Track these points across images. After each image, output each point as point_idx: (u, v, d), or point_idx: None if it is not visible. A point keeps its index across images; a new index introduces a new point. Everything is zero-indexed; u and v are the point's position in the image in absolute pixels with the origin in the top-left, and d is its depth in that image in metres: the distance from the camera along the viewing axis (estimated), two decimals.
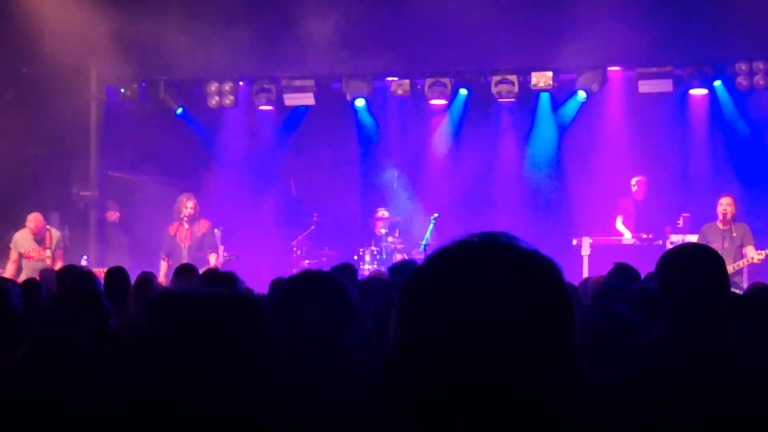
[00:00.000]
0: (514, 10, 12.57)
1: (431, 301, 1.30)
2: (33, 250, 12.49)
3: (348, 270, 6.83)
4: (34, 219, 12.55)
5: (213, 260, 12.39)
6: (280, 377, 3.04)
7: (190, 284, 6.09)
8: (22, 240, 12.56)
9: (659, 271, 2.83)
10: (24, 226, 12.58)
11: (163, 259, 12.50)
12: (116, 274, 7.16)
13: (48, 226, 12.74)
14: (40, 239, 12.56)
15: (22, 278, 10.58)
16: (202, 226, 12.68)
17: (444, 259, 1.35)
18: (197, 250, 12.49)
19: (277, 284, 5.67)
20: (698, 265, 2.80)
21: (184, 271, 7.66)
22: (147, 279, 6.99)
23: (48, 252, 12.50)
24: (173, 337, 2.07)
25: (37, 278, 9.65)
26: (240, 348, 2.34)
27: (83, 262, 12.31)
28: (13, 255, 12.56)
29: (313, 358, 3.16)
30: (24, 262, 12.50)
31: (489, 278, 1.30)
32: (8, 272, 12.09)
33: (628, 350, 3.02)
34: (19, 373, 3.27)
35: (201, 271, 11.74)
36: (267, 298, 5.53)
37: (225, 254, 12.93)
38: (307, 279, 3.44)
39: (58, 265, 12.29)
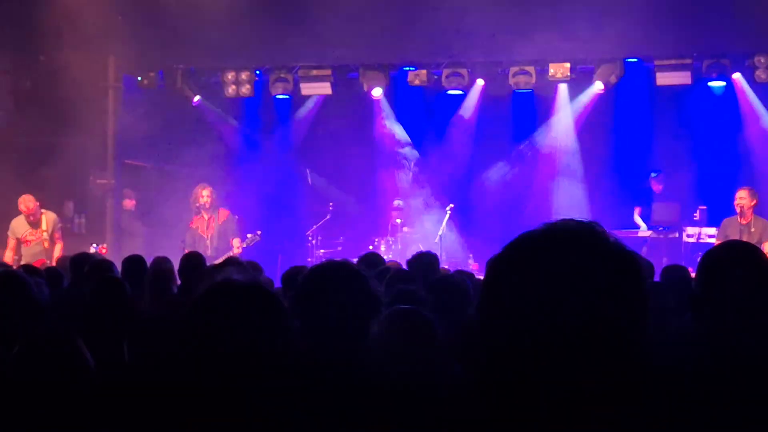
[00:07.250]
0: (533, 1, 12.53)
1: (521, 278, 1.37)
2: (29, 233, 12.19)
3: (374, 260, 6.82)
4: (24, 200, 12.16)
5: (237, 244, 12.52)
6: (304, 366, 3.05)
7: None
8: (18, 226, 12.24)
9: (700, 271, 2.84)
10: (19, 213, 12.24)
11: (185, 251, 12.53)
12: (134, 261, 7.18)
13: (43, 209, 12.32)
14: (34, 221, 12.20)
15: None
16: (222, 214, 12.79)
17: (535, 239, 1.41)
18: (219, 239, 12.59)
19: (292, 273, 5.60)
20: (739, 261, 2.80)
21: (194, 265, 7.60)
22: (169, 269, 6.96)
23: (45, 234, 12.16)
24: (217, 325, 2.10)
25: (35, 264, 9.50)
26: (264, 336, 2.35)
27: (92, 250, 12.15)
28: (11, 242, 12.21)
29: (336, 349, 3.14)
30: (23, 248, 12.18)
31: (576, 259, 1.37)
32: (7, 260, 11.55)
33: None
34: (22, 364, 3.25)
35: (225, 256, 11.85)
36: (284, 288, 5.48)
37: (249, 235, 12.91)
38: (330, 268, 3.42)
39: (58, 247, 12.18)
